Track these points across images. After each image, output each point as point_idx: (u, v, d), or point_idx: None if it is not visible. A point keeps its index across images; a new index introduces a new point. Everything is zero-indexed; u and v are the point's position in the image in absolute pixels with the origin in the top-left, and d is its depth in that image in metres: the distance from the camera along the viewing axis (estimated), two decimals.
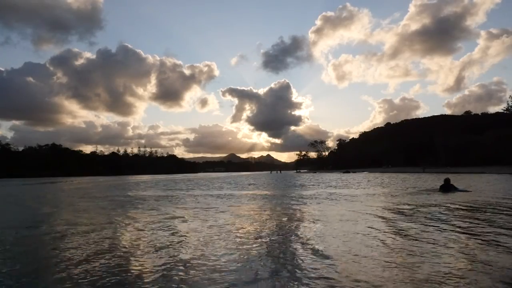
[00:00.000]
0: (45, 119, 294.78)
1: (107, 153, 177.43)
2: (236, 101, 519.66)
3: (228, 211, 11.06)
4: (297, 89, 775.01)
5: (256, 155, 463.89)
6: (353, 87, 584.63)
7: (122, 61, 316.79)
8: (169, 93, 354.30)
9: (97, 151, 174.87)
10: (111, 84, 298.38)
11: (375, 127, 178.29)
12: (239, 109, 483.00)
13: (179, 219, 9.27)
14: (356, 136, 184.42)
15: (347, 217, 9.01)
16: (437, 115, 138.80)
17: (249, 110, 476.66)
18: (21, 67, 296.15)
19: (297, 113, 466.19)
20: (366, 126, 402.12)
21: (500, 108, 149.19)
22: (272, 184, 31.89)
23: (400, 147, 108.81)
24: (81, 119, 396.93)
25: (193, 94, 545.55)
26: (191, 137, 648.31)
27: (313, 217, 9.17)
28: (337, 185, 25.59)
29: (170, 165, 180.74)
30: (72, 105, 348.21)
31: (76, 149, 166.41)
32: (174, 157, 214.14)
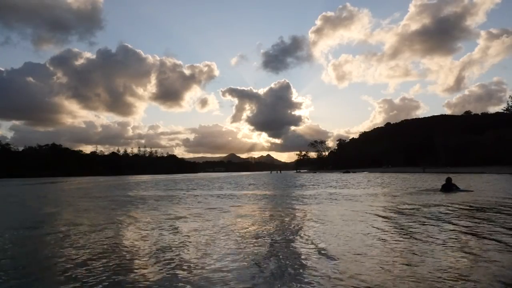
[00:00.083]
0: (45, 119, 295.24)
1: (107, 153, 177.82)
2: (236, 101, 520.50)
3: (229, 211, 11.07)
4: (297, 89, 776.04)
5: (256, 155, 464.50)
6: (353, 87, 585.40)
7: (122, 61, 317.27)
8: (169, 93, 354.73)
9: (97, 151, 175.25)
10: (111, 84, 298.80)
11: (375, 127, 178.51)
12: (239, 109, 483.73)
13: (180, 219, 9.28)
14: (356, 136, 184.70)
15: (348, 217, 9.03)
16: (437, 115, 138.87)
17: (249, 110, 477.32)
18: (21, 67, 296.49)
19: (297, 113, 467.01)
20: (366, 126, 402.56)
21: (500, 108, 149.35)
22: (272, 184, 31.91)
23: (400, 147, 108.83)
24: (81, 119, 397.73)
25: (193, 94, 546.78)
26: (191, 137, 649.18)
27: (314, 217, 9.18)
28: (337, 185, 25.60)
29: (170, 165, 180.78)
30: (72, 105, 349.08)
31: (76, 149, 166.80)
32: (174, 157, 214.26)
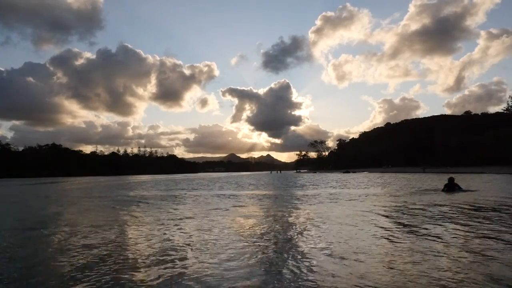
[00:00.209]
0: (45, 119, 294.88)
1: (107, 153, 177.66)
2: (236, 101, 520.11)
3: (232, 211, 11.10)
4: (297, 89, 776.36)
5: (256, 155, 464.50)
6: (353, 87, 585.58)
7: (122, 61, 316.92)
8: (169, 93, 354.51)
9: (97, 151, 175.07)
10: (111, 84, 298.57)
11: (375, 127, 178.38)
12: (239, 109, 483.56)
13: (184, 219, 9.32)
14: (356, 136, 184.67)
15: (351, 217, 9.05)
16: (437, 115, 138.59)
17: (249, 110, 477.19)
18: (21, 67, 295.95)
19: (297, 113, 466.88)
20: (366, 126, 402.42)
21: (500, 108, 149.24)
22: (272, 184, 31.94)
23: (400, 147, 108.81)
24: (81, 119, 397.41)
25: (193, 94, 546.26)
26: (191, 137, 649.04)
27: (317, 217, 9.20)
28: (337, 185, 25.63)
29: (170, 165, 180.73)
30: (72, 105, 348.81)
31: (76, 149, 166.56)
32: (174, 157, 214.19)
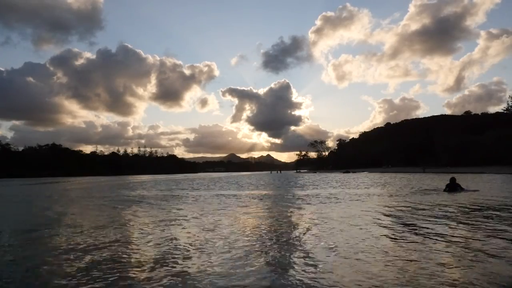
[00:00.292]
0: (45, 119, 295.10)
1: (107, 153, 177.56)
2: (236, 101, 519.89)
3: (234, 211, 11.12)
4: (297, 89, 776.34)
5: (256, 155, 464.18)
6: (353, 87, 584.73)
7: (122, 61, 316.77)
8: (169, 93, 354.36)
9: (97, 151, 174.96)
10: (111, 84, 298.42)
11: (375, 127, 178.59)
12: (239, 109, 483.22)
13: (185, 219, 9.34)
14: (356, 136, 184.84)
15: (352, 217, 9.07)
16: (437, 115, 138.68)
17: (249, 110, 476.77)
18: (21, 67, 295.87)
19: (297, 113, 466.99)
20: (366, 126, 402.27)
21: (500, 108, 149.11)
22: (273, 184, 31.96)
23: (400, 147, 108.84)
24: (81, 119, 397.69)
25: (193, 94, 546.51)
26: (191, 137, 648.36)
27: (318, 217, 9.23)
28: (338, 185, 25.65)
29: (170, 165, 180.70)
30: (72, 105, 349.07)
31: (76, 149, 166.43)
32: (174, 157, 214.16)
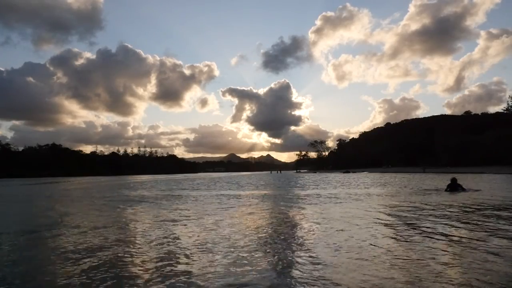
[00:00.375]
0: (45, 119, 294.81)
1: (107, 153, 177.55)
2: (236, 101, 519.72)
3: (235, 210, 11.13)
4: (297, 89, 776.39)
5: (256, 155, 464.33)
6: (353, 87, 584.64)
7: (122, 61, 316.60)
8: (169, 93, 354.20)
9: (97, 151, 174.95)
10: (111, 84, 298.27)
11: (375, 127, 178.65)
12: (239, 109, 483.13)
13: (187, 219, 9.34)
14: (356, 136, 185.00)
15: (353, 216, 9.07)
16: (437, 115, 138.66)
17: (249, 110, 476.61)
18: (21, 67, 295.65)
19: (297, 113, 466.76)
20: (366, 126, 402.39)
21: (500, 108, 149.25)
22: (273, 184, 31.98)
23: (400, 147, 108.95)
24: (81, 119, 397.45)
25: (193, 94, 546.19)
26: (191, 137, 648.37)
27: (319, 216, 9.24)
28: (338, 185, 25.66)
29: (170, 165, 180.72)
30: (72, 105, 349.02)
31: (76, 149, 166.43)
32: (174, 157, 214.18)
